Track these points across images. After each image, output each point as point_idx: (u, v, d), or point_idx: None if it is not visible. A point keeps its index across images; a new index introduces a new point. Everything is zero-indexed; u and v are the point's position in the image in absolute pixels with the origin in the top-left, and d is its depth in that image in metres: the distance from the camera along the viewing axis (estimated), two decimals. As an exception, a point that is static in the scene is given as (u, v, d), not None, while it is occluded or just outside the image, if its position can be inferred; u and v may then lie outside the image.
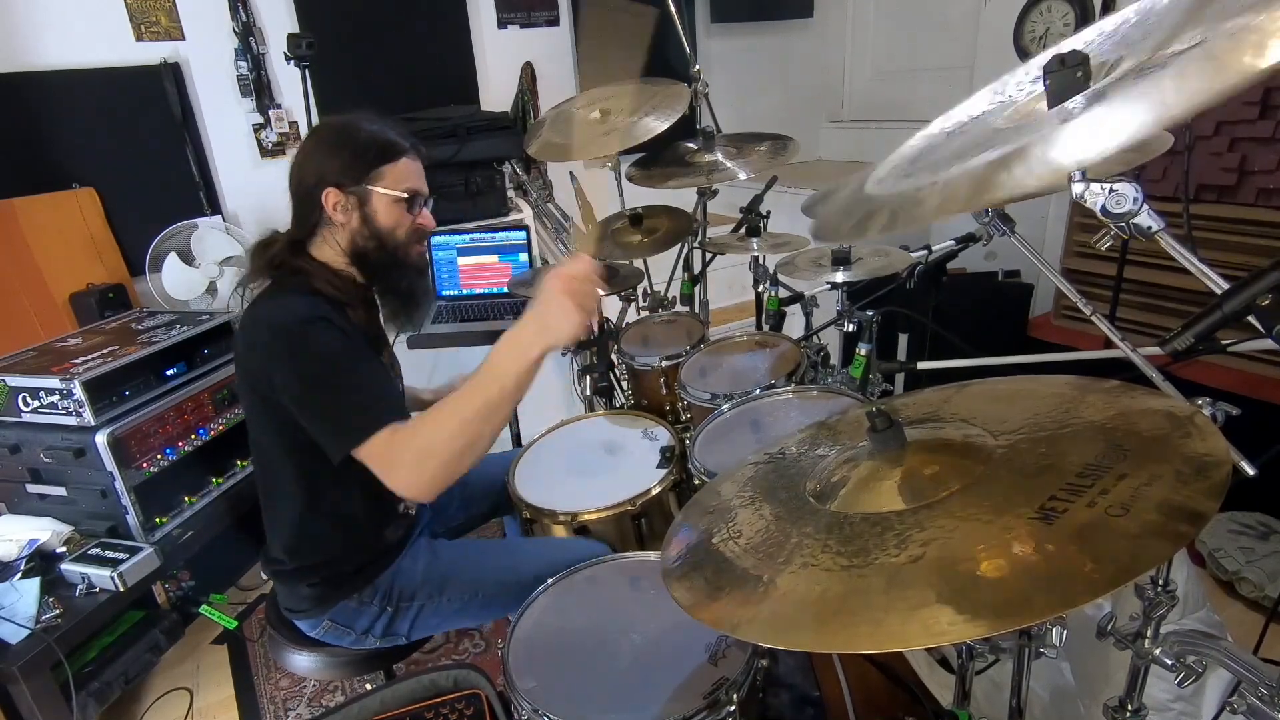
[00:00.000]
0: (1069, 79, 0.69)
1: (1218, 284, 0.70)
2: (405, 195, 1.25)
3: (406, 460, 1.08)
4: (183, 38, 2.69)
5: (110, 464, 1.76)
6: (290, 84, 2.86)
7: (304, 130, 2.85)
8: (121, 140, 2.64)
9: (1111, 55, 0.74)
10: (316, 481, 1.25)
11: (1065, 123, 0.65)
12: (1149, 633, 0.84)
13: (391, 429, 1.09)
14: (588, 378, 1.98)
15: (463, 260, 2.53)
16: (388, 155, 1.23)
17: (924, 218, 0.77)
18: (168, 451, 1.91)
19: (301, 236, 1.27)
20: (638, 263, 2.15)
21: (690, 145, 2.02)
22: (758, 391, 1.55)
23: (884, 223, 0.76)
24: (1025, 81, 0.86)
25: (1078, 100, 0.69)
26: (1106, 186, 0.67)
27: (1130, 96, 0.61)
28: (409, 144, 1.27)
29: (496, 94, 3.35)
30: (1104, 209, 0.67)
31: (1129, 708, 0.89)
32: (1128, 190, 0.67)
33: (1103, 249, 0.74)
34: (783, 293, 1.91)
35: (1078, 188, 0.67)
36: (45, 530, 1.77)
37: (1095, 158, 0.59)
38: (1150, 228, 0.68)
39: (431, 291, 1.41)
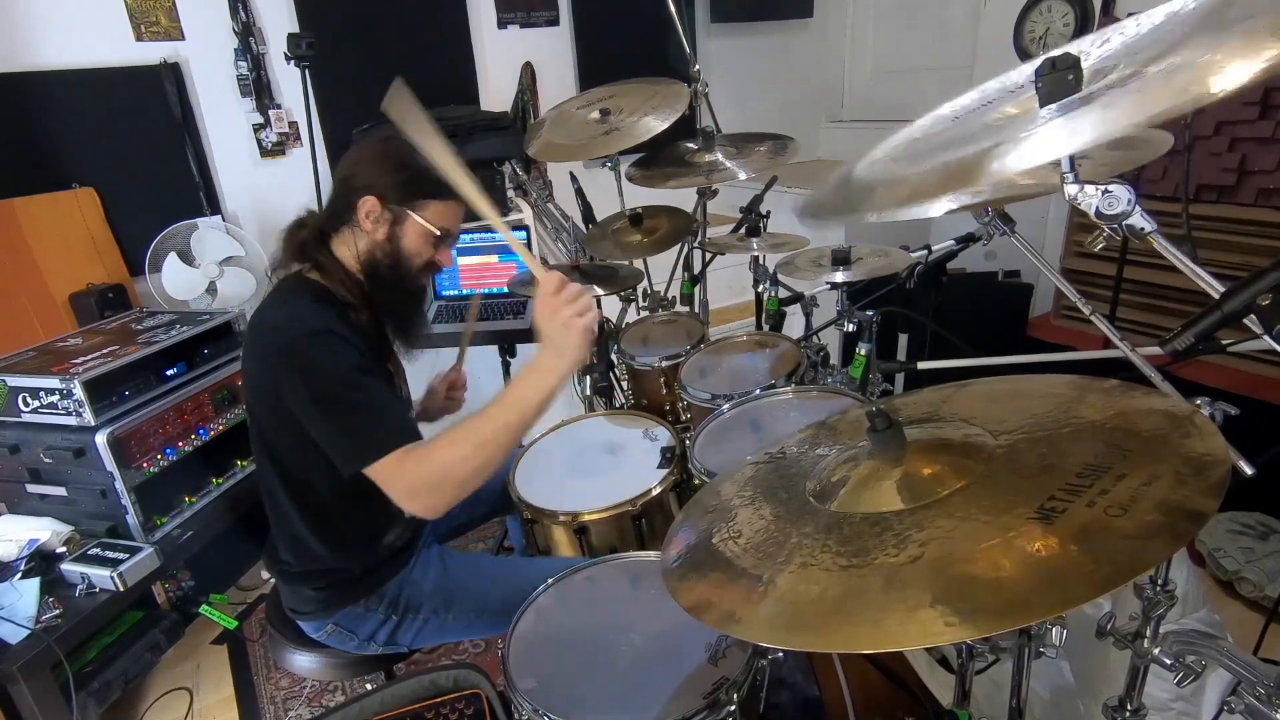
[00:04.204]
0: (1060, 81, 0.70)
1: (1211, 284, 0.71)
2: (438, 233, 1.26)
3: (421, 482, 1.11)
4: (183, 38, 2.69)
5: (110, 464, 1.76)
6: (290, 84, 2.86)
7: (304, 130, 2.86)
8: (121, 140, 2.64)
9: (1113, 62, 0.74)
10: (314, 492, 1.26)
11: (1029, 132, 0.67)
12: (1148, 632, 0.84)
13: (404, 451, 1.11)
14: (588, 378, 1.98)
15: (463, 260, 2.53)
16: (442, 192, 1.22)
17: (897, 201, 0.80)
18: (168, 451, 1.91)
19: (329, 228, 1.27)
20: (638, 263, 2.15)
21: (690, 145, 2.02)
22: (757, 391, 1.55)
23: (857, 202, 0.79)
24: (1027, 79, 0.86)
25: (1052, 109, 0.70)
26: (1100, 188, 0.67)
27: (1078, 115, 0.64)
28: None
29: (496, 94, 3.35)
30: (1098, 211, 0.68)
31: (1129, 707, 0.89)
32: (1121, 192, 0.67)
33: (1095, 250, 0.74)
34: (783, 293, 1.91)
35: (1071, 190, 0.68)
36: (45, 530, 1.77)
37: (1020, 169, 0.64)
38: (1143, 229, 0.69)
39: (425, 320, 1.44)
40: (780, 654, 1.01)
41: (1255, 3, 0.59)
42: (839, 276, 1.63)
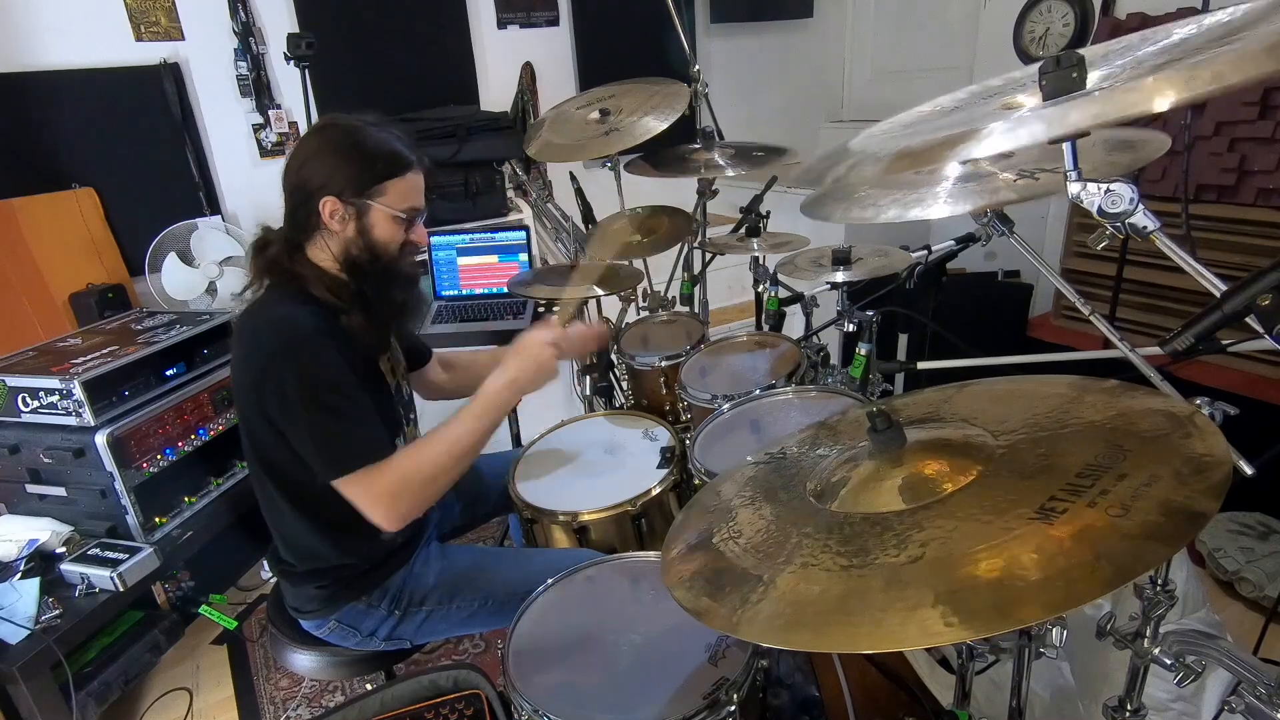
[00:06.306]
0: (1064, 79, 0.70)
1: (1213, 283, 0.71)
2: (404, 215, 1.23)
3: (386, 492, 1.16)
4: (182, 38, 2.69)
5: (110, 464, 1.76)
6: (290, 84, 2.86)
7: (304, 130, 2.85)
8: (121, 140, 2.64)
9: (1120, 68, 0.74)
10: (309, 491, 1.24)
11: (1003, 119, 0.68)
12: (1148, 632, 0.84)
13: (367, 470, 1.16)
14: (588, 378, 1.98)
15: (462, 260, 2.53)
16: (395, 169, 1.21)
17: (874, 174, 0.82)
18: (167, 452, 1.91)
19: (299, 239, 1.24)
20: (638, 263, 2.15)
21: (690, 146, 2.02)
22: (757, 392, 1.55)
23: (843, 170, 0.80)
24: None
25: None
26: (1103, 186, 0.68)
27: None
28: (415, 157, 1.25)
29: (496, 94, 3.35)
30: (1100, 209, 0.68)
31: (1129, 707, 0.89)
32: (1124, 190, 0.67)
33: (1098, 248, 0.74)
34: (783, 293, 1.91)
35: (1074, 188, 0.68)
36: (45, 530, 1.77)
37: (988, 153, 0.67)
38: (1146, 227, 0.69)
39: (424, 299, 1.42)
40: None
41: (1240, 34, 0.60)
42: (839, 276, 1.63)
